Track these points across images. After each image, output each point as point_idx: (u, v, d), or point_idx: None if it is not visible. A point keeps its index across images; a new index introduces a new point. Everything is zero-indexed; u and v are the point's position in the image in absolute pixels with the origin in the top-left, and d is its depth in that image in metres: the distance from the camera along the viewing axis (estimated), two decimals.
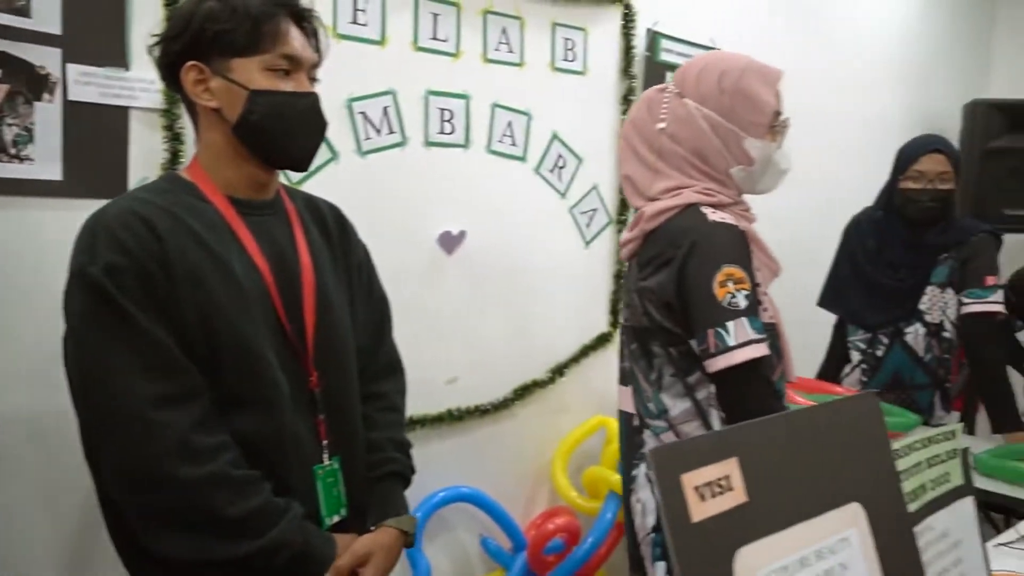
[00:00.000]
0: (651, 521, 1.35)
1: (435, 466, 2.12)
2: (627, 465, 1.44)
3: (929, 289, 2.17)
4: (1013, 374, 2.21)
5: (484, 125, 2.13)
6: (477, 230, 2.15)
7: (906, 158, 2.16)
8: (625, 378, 1.44)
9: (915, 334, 2.19)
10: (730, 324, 1.19)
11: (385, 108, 1.94)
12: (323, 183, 1.82)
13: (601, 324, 2.48)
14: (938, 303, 2.16)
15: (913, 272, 2.18)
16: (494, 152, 2.17)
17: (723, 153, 1.32)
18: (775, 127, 1.36)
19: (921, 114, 3.72)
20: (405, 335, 1.47)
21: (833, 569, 0.63)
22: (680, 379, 1.31)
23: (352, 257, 1.34)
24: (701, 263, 1.22)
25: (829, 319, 2.45)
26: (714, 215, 1.27)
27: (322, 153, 1.83)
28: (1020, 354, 2.31)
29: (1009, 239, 3.55)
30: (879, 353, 2.24)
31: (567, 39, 2.29)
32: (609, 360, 2.38)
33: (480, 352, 2.20)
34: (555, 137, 2.29)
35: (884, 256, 2.22)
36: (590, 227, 2.42)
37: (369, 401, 1.33)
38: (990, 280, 2.10)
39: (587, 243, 2.42)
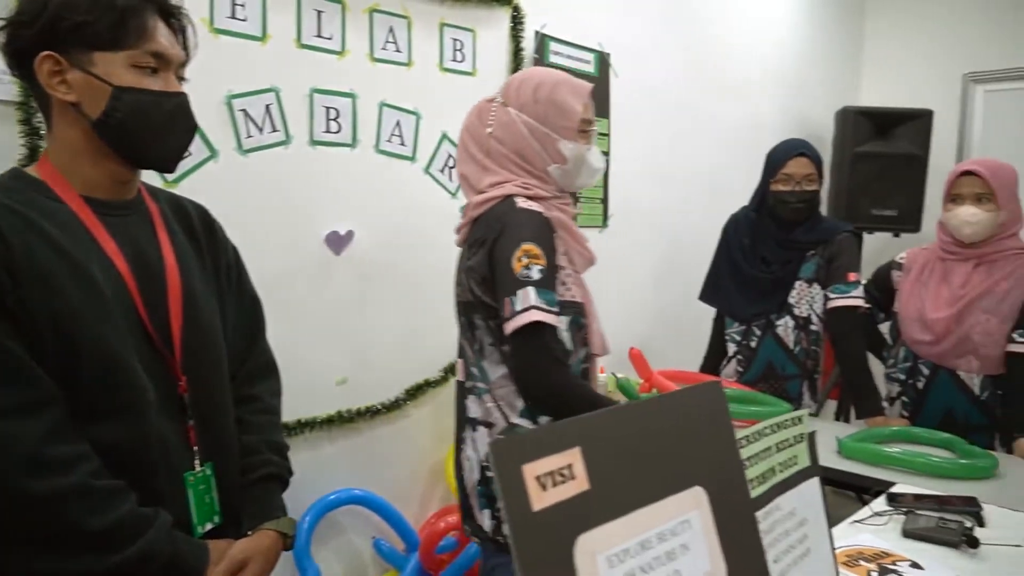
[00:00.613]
0: (476, 476, 1.53)
1: (326, 469, 2.09)
2: (459, 427, 1.59)
3: (797, 284, 2.30)
4: (876, 363, 2.37)
5: (372, 124, 2.12)
6: (366, 230, 2.13)
7: (775, 162, 2.29)
8: (460, 351, 1.59)
9: (785, 327, 2.32)
10: (520, 292, 1.37)
11: (268, 106, 1.90)
12: (202, 181, 1.77)
13: None
14: (805, 297, 2.30)
15: (783, 267, 2.31)
16: (383, 152, 2.16)
17: (541, 154, 1.51)
18: (586, 132, 1.55)
19: (797, 119, 3.94)
20: (293, 336, 1.45)
21: (674, 550, 0.66)
22: (497, 348, 1.48)
23: (221, 258, 1.30)
24: (506, 241, 1.41)
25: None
26: (524, 204, 1.46)
27: (200, 151, 1.78)
28: (881, 344, 2.47)
29: (875, 237, 3.82)
30: (753, 344, 2.36)
31: (456, 39, 2.30)
32: None
33: (371, 352, 2.19)
34: (445, 137, 2.30)
35: (758, 252, 2.35)
36: None
37: (243, 404, 1.30)
38: (852, 276, 2.25)
39: None
